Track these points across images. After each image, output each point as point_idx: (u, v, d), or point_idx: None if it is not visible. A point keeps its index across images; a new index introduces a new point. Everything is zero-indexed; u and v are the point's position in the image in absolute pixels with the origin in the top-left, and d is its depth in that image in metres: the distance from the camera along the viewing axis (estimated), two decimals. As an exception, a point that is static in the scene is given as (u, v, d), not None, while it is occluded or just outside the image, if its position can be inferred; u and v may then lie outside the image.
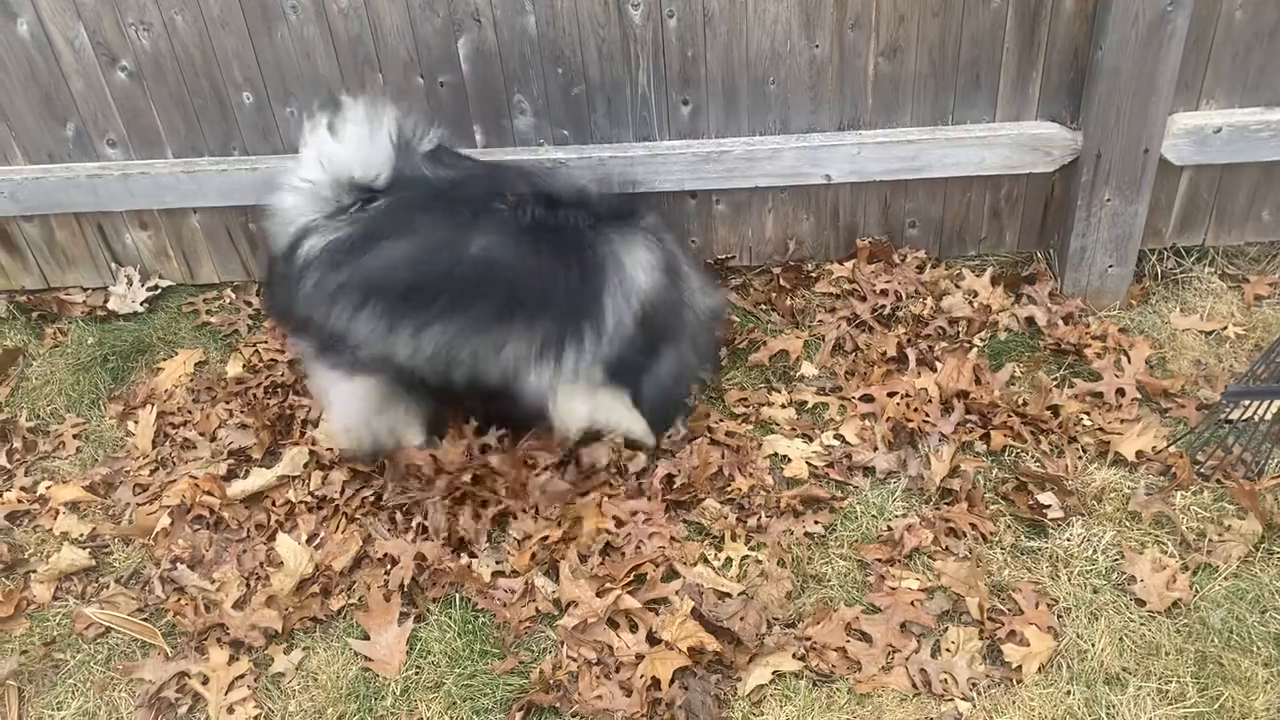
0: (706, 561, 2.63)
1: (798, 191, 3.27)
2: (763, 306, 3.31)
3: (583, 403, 2.66)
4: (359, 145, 2.54)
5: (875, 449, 2.85)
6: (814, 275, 3.37)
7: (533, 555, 2.65)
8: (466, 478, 2.75)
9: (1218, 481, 2.72)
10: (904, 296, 3.24)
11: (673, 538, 2.66)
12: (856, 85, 3.07)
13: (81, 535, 2.86)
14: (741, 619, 2.47)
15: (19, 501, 2.96)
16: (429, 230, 2.52)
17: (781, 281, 3.36)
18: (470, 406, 2.85)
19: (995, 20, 2.94)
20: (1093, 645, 2.41)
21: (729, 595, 2.54)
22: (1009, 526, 2.67)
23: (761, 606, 2.50)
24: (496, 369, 2.54)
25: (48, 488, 3.00)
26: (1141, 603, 2.48)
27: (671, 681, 2.37)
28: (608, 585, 2.54)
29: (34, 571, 2.78)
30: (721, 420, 2.95)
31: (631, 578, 2.57)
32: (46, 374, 3.36)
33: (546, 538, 2.67)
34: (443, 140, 2.74)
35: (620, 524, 2.69)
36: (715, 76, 3.06)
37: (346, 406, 2.74)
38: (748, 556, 2.64)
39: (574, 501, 2.75)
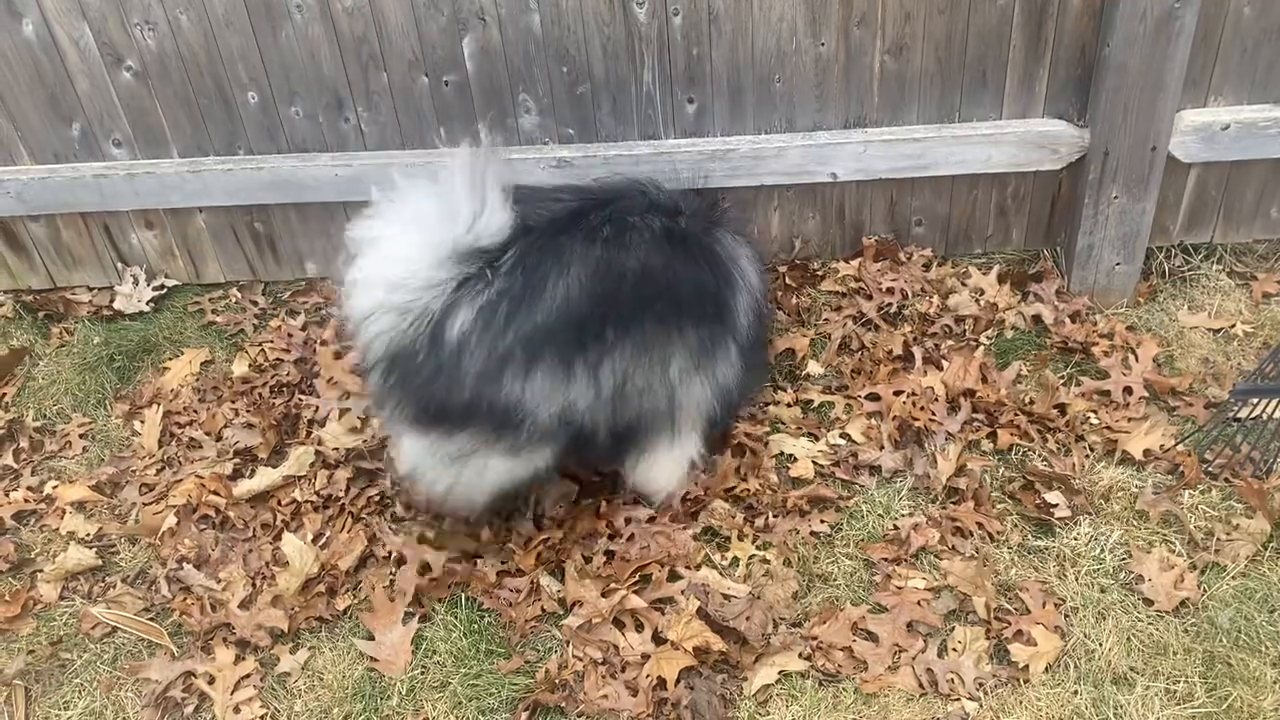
0: (712, 564, 2.62)
1: (804, 190, 3.26)
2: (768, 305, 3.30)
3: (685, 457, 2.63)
4: (467, 207, 2.30)
5: (881, 448, 2.84)
6: (820, 273, 3.36)
7: (538, 555, 2.65)
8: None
9: (1226, 480, 2.70)
10: (910, 295, 3.23)
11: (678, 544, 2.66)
12: (862, 83, 3.06)
13: (88, 535, 2.86)
14: (748, 619, 2.46)
15: (25, 501, 2.97)
16: (585, 259, 2.35)
17: (787, 280, 3.35)
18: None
19: (1002, 17, 2.93)
20: (1100, 645, 2.40)
21: (735, 595, 2.53)
22: (1016, 525, 2.66)
23: (767, 606, 2.49)
24: (664, 390, 2.45)
25: (54, 487, 3.00)
26: (1149, 602, 2.47)
27: (677, 681, 2.36)
28: (613, 586, 2.53)
29: (40, 571, 2.79)
30: (738, 421, 2.94)
31: (637, 578, 2.56)
32: (53, 373, 3.36)
33: (548, 539, 2.67)
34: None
35: (627, 534, 2.69)
36: (720, 75, 3.06)
37: (491, 486, 2.50)
38: (754, 556, 2.63)
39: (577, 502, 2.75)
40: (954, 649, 2.42)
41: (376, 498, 2.85)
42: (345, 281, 2.38)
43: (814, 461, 2.82)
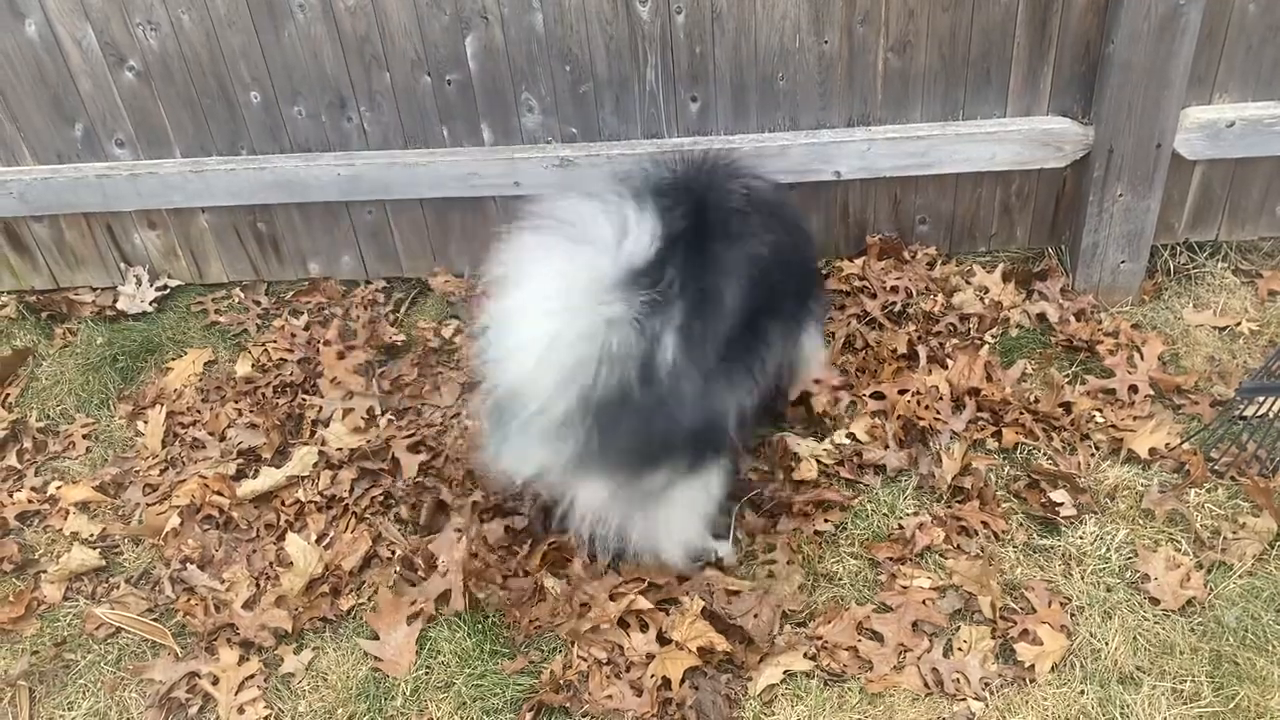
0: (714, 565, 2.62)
1: (807, 188, 3.25)
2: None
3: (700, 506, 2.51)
4: (622, 234, 2.13)
5: (886, 447, 2.84)
6: (823, 272, 3.35)
7: (543, 556, 2.64)
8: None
9: (1232, 479, 2.69)
10: (915, 293, 3.22)
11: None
12: (866, 81, 3.05)
13: (91, 535, 2.86)
14: (755, 617, 2.45)
15: (29, 502, 2.97)
16: (737, 259, 2.26)
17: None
18: None
19: (1006, 14, 2.92)
20: (1106, 644, 2.39)
21: (740, 593, 2.52)
22: (1021, 524, 2.65)
23: (774, 605, 2.48)
24: (794, 363, 2.58)
25: (58, 488, 3.00)
26: (1155, 601, 2.46)
27: (682, 681, 2.36)
28: (620, 589, 2.53)
29: (44, 572, 2.79)
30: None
31: (646, 585, 2.56)
32: (56, 374, 3.36)
33: (554, 542, 2.66)
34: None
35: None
36: (724, 73, 3.05)
37: (704, 510, 2.45)
38: (758, 557, 2.62)
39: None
40: (959, 648, 2.41)
41: (380, 498, 2.85)
42: (493, 350, 2.20)
43: (818, 460, 2.81)
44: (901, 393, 2.94)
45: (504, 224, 2.17)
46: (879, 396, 2.95)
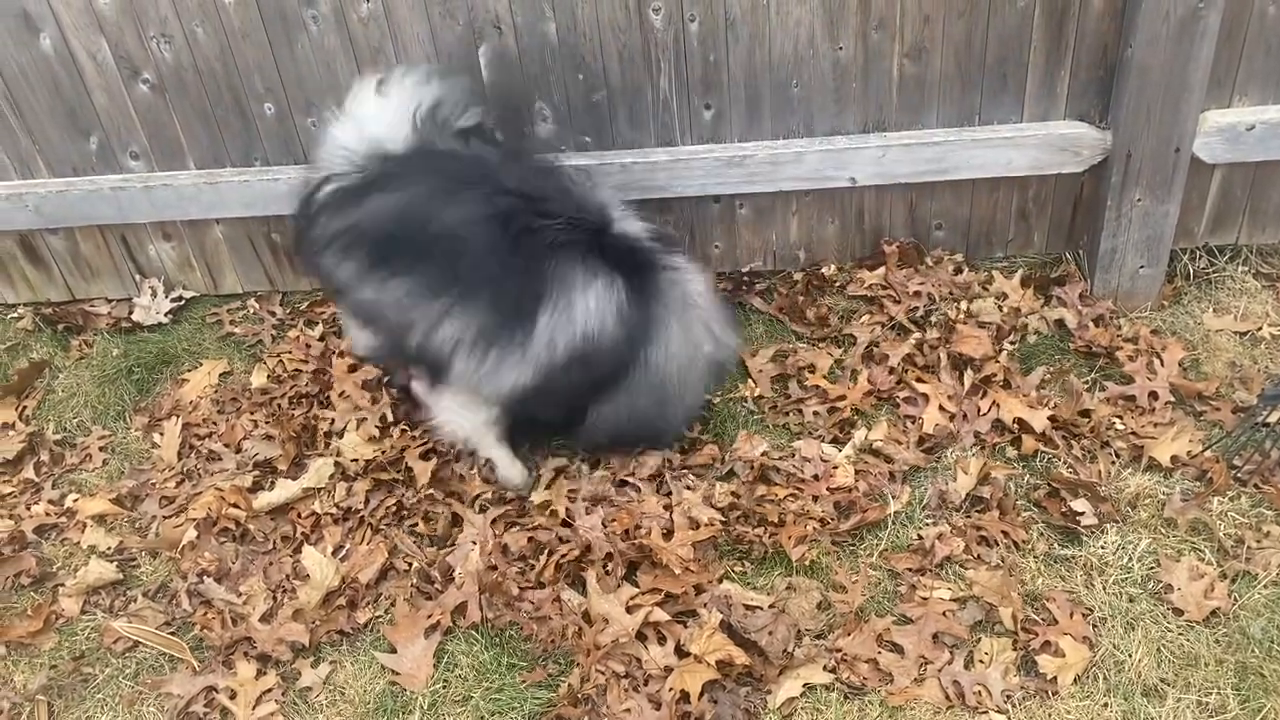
0: (734, 576, 2.60)
1: (822, 195, 3.24)
2: (786, 314, 3.27)
3: (459, 411, 2.78)
4: (388, 111, 2.67)
5: (905, 454, 2.81)
6: (839, 281, 3.33)
7: (558, 566, 2.63)
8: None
9: (1255, 486, 2.66)
10: (937, 299, 3.19)
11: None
12: (881, 87, 3.04)
13: (109, 548, 2.87)
14: (770, 633, 2.44)
15: (47, 515, 2.97)
16: (412, 190, 2.59)
17: (805, 287, 3.33)
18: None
19: (1022, 19, 2.90)
20: (1130, 656, 2.37)
21: (758, 607, 2.50)
22: (1041, 534, 2.63)
23: (791, 621, 2.46)
24: (437, 343, 2.58)
25: (75, 501, 3.01)
26: (1179, 612, 2.43)
27: (701, 695, 2.34)
28: (636, 602, 2.52)
29: (62, 585, 2.79)
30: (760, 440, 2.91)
31: (663, 595, 2.54)
32: (72, 386, 3.37)
33: (565, 555, 2.65)
34: (487, 120, 2.83)
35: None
36: (737, 80, 3.03)
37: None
38: (776, 569, 2.61)
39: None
40: (981, 660, 2.39)
41: (395, 509, 2.84)
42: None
43: (837, 468, 2.79)
44: (921, 400, 2.92)
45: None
46: (897, 404, 2.94)
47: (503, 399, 2.66)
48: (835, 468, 2.80)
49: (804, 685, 2.37)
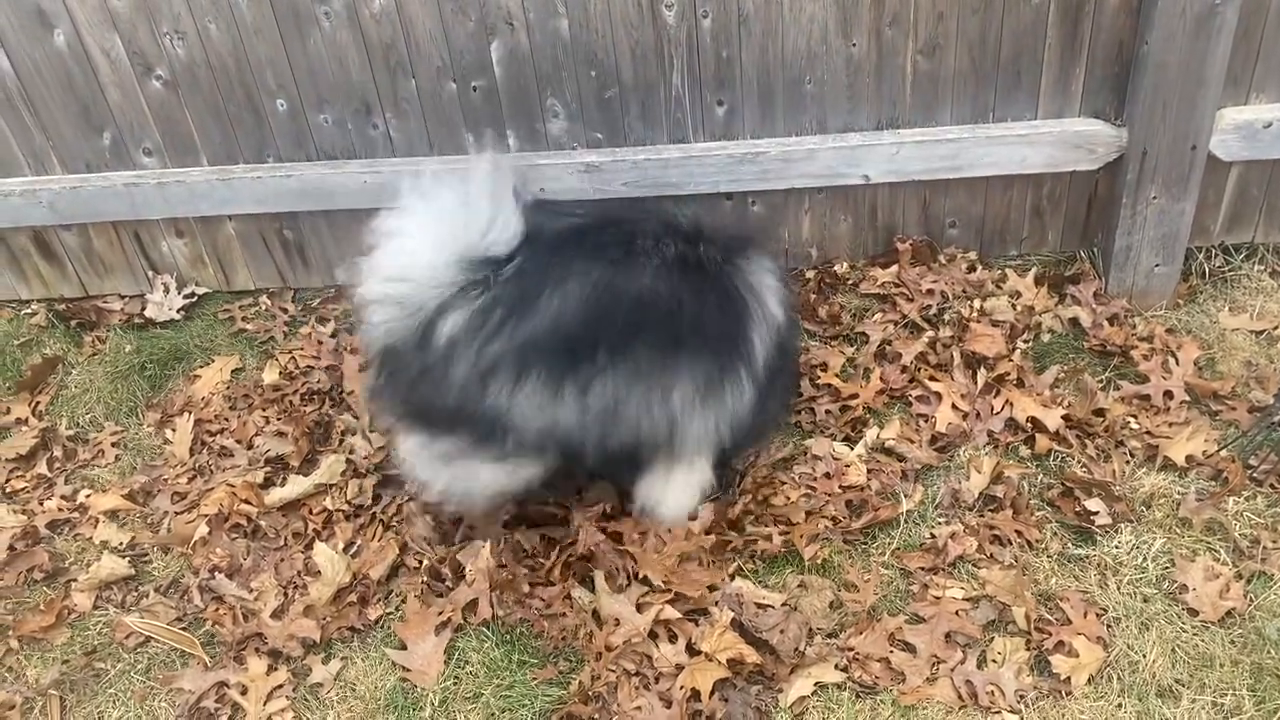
0: (746, 574, 2.59)
1: (835, 192, 3.22)
2: (798, 311, 3.25)
3: (695, 476, 2.59)
4: (484, 214, 2.29)
5: (918, 453, 2.80)
6: (852, 279, 3.32)
7: (567, 564, 2.63)
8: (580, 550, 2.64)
9: (1271, 486, 2.64)
10: (950, 297, 3.18)
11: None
12: (895, 84, 3.02)
13: (121, 544, 2.87)
14: (782, 632, 2.43)
15: (59, 510, 2.98)
16: (584, 276, 2.29)
17: (818, 284, 3.32)
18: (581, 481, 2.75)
19: (1037, 16, 2.88)
20: (1144, 656, 2.35)
21: (769, 606, 2.49)
22: (1055, 534, 2.61)
23: (803, 620, 2.45)
24: (664, 418, 2.36)
25: (87, 496, 3.01)
26: (1194, 612, 2.42)
27: (712, 693, 2.33)
28: (646, 599, 2.51)
29: (74, 580, 2.80)
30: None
31: (672, 594, 2.53)
32: (85, 382, 3.38)
33: (570, 555, 2.65)
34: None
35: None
36: (750, 77, 3.02)
37: (483, 492, 2.51)
38: (788, 567, 2.60)
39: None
40: (994, 660, 2.38)
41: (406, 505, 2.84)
42: (360, 272, 2.40)
43: (849, 467, 2.78)
44: (934, 399, 2.90)
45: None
46: (909, 403, 2.92)
47: (732, 432, 2.50)
48: (847, 466, 2.79)
49: (815, 684, 2.36)
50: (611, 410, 2.32)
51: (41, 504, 3.00)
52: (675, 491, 2.61)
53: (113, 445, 3.17)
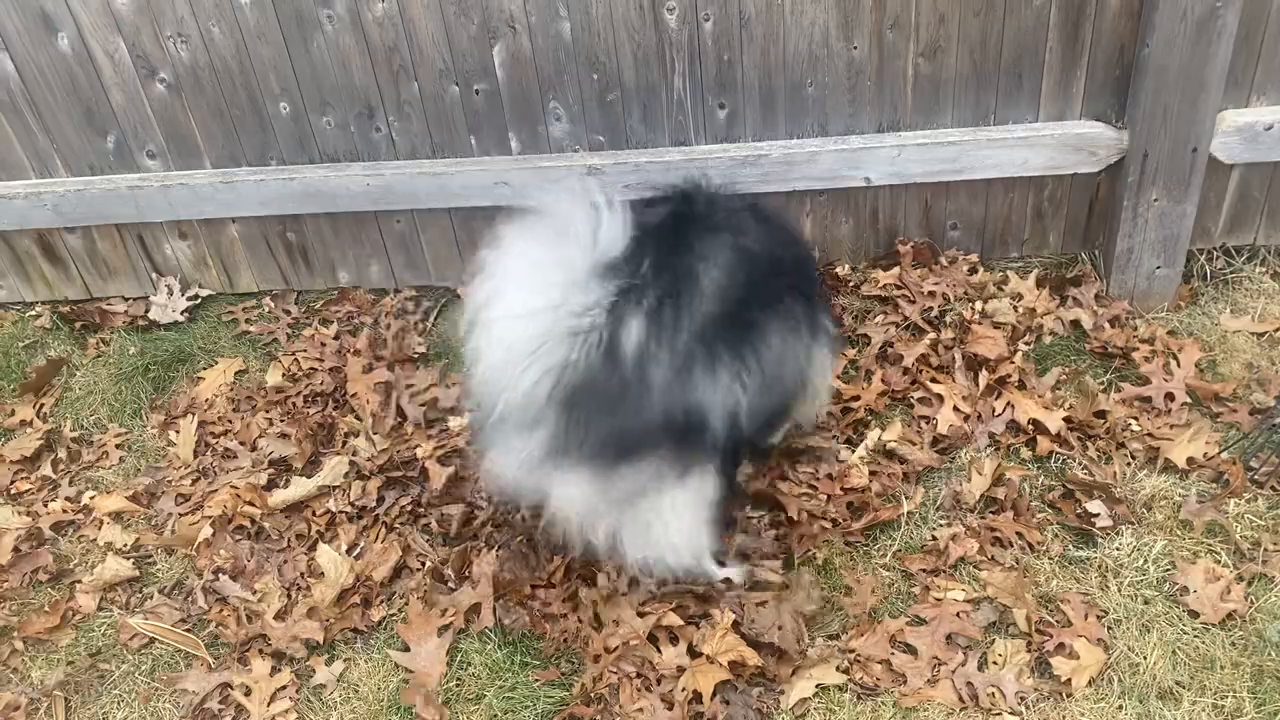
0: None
1: (837, 194, 3.23)
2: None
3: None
4: (596, 225, 2.14)
5: (919, 454, 2.81)
6: (854, 281, 3.32)
7: (569, 568, 2.63)
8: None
9: (1273, 488, 2.65)
10: (953, 299, 3.18)
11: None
12: (896, 86, 3.03)
13: (125, 545, 2.89)
14: (780, 629, 2.43)
15: (64, 511, 2.99)
16: (715, 248, 2.23)
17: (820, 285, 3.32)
18: None
19: (1038, 19, 2.89)
20: (1145, 658, 2.36)
21: (765, 604, 2.50)
22: (1056, 536, 2.62)
23: (793, 613, 2.45)
24: (797, 371, 2.38)
25: (91, 498, 3.03)
26: (1195, 614, 2.42)
27: (713, 695, 2.34)
28: (646, 606, 2.51)
29: (79, 582, 2.81)
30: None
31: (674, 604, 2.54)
32: (89, 384, 3.39)
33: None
34: None
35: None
36: (752, 80, 3.03)
37: (695, 519, 2.35)
38: (788, 568, 2.61)
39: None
40: (994, 662, 2.38)
41: (409, 508, 2.85)
42: (473, 342, 2.18)
43: (850, 468, 2.79)
44: (935, 401, 2.91)
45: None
46: (911, 405, 2.93)
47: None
48: (849, 468, 2.79)
49: (817, 686, 2.36)
50: (775, 373, 2.29)
51: (46, 506, 3.01)
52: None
53: (117, 447, 3.18)
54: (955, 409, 2.89)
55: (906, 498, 2.72)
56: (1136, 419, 2.84)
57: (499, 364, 2.12)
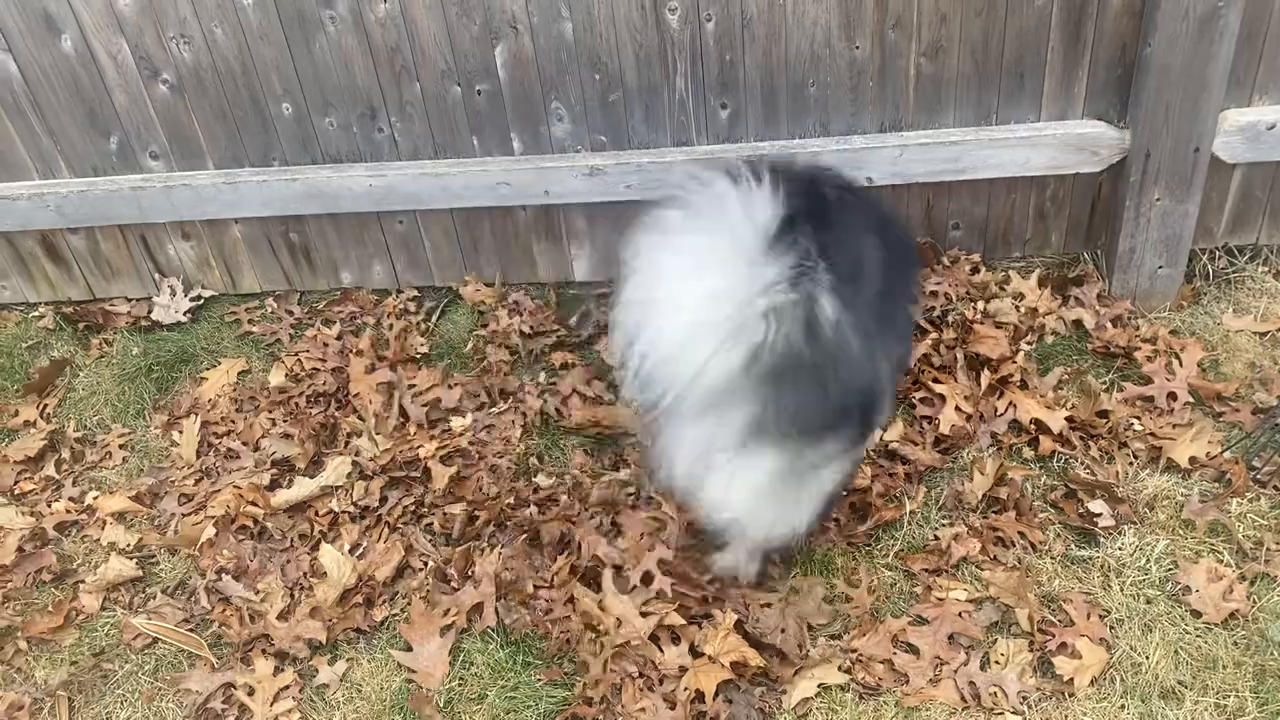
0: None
1: (838, 194, 3.23)
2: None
3: None
4: (749, 204, 2.08)
5: (922, 454, 2.81)
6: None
7: (572, 566, 2.64)
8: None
9: (1275, 488, 2.65)
10: (954, 299, 3.18)
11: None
12: (898, 86, 3.03)
13: (128, 545, 2.89)
14: (783, 631, 2.44)
15: (67, 512, 3.00)
16: (859, 224, 2.21)
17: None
18: None
19: (1040, 18, 2.89)
20: (1147, 658, 2.36)
21: (769, 606, 2.50)
22: (1059, 535, 2.62)
23: (797, 618, 2.46)
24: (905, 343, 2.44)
25: (95, 498, 3.03)
26: (1197, 614, 2.42)
27: (715, 695, 2.35)
28: (648, 607, 2.51)
29: (82, 582, 2.82)
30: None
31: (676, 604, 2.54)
32: (93, 384, 3.40)
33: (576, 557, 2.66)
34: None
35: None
36: (754, 80, 3.03)
37: (824, 491, 2.36)
38: (791, 570, 2.61)
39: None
40: (997, 661, 2.39)
41: (412, 508, 2.85)
42: (635, 332, 2.12)
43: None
44: (937, 400, 2.91)
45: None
46: (913, 404, 2.93)
47: None
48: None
49: (819, 685, 2.37)
50: (904, 350, 2.39)
51: (50, 506, 3.02)
52: None
53: (120, 447, 3.18)
54: (957, 409, 2.89)
55: (909, 498, 2.73)
56: (1139, 418, 2.84)
57: (677, 350, 2.05)
